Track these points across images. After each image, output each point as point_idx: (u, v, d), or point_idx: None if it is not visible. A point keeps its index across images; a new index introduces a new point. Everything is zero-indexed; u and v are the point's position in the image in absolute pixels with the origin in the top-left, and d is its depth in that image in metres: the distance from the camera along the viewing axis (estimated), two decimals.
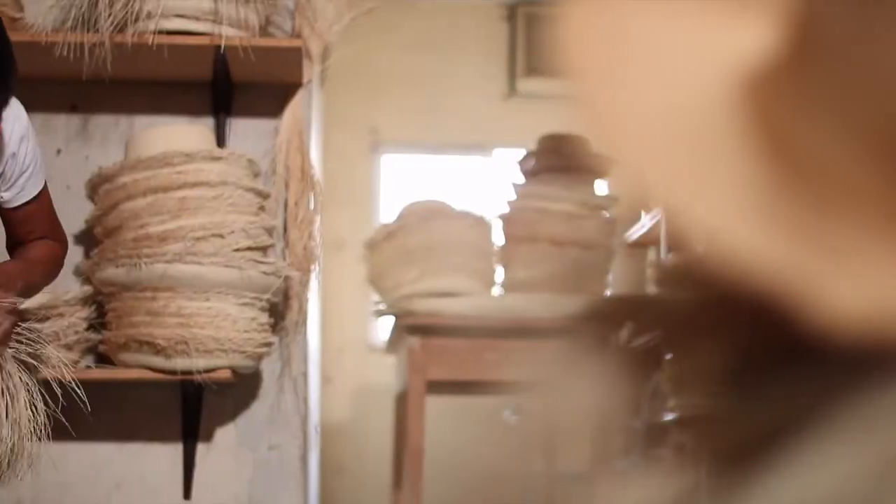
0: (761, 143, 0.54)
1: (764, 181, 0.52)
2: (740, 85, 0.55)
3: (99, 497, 2.92)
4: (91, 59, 2.68)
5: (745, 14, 0.55)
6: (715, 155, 0.55)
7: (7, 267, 2.12)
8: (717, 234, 0.53)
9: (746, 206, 0.52)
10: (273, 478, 2.96)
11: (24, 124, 2.17)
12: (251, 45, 2.74)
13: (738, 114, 0.54)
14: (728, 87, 0.55)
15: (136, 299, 2.65)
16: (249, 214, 2.71)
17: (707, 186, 0.54)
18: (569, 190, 3.79)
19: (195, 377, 2.64)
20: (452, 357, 3.62)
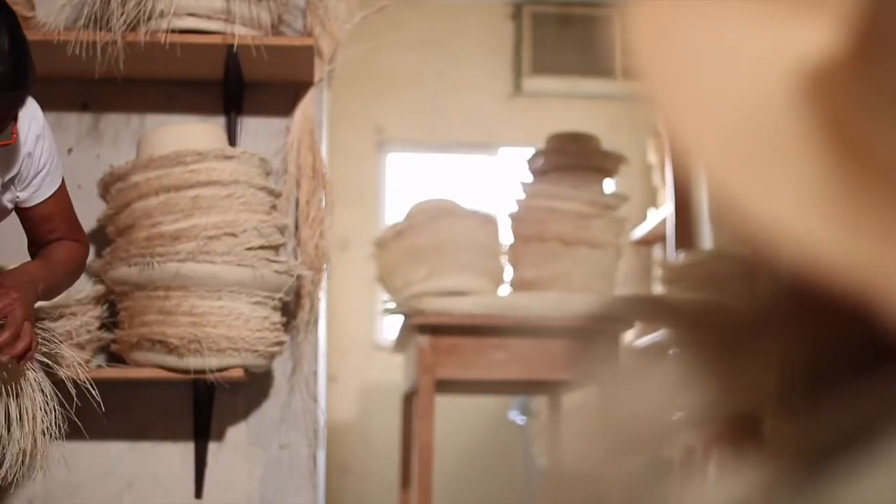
0: (828, 140, 0.54)
1: (832, 176, 0.52)
2: (806, 83, 0.55)
3: (111, 496, 2.92)
4: (103, 58, 2.68)
5: (809, 14, 0.55)
6: (783, 152, 0.55)
7: (29, 267, 2.12)
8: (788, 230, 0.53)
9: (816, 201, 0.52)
10: (284, 476, 2.96)
11: (41, 123, 2.17)
12: (263, 45, 2.74)
13: (805, 111, 0.54)
14: (794, 85, 0.55)
15: (148, 298, 2.65)
16: (262, 213, 2.71)
17: (776, 183, 0.54)
18: (577, 189, 3.78)
19: (208, 376, 2.64)
20: (461, 356, 3.62)
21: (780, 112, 0.56)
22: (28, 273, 2.10)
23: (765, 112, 0.56)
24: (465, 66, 6.38)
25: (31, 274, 2.10)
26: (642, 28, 0.60)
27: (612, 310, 3.64)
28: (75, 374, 2.17)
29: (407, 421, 4.59)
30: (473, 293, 3.67)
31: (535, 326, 3.61)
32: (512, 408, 5.99)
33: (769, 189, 0.55)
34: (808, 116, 0.55)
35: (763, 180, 0.55)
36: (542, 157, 3.92)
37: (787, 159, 0.55)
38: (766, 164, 0.55)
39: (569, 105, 6.35)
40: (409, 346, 4.09)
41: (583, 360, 3.61)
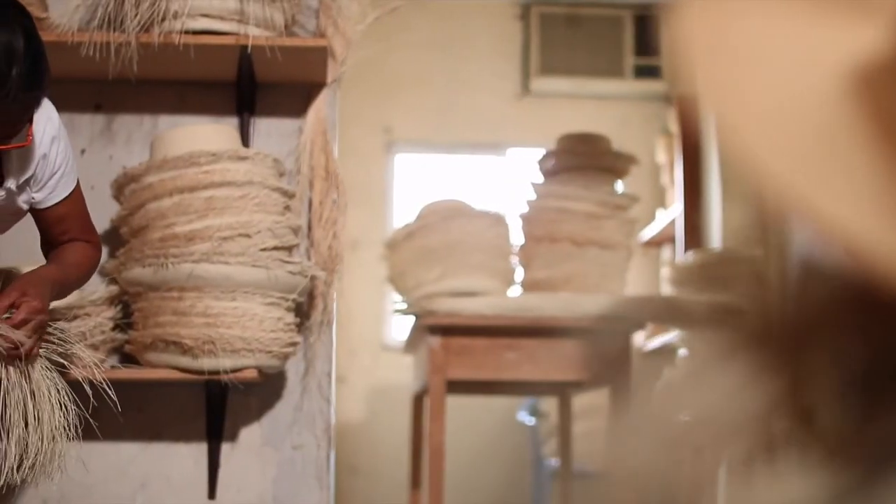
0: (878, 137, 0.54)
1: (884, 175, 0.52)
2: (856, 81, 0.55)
3: (124, 496, 2.92)
4: (117, 59, 2.68)
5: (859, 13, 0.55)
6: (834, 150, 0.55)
7: (43, 270, 2.12)
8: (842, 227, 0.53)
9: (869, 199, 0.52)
10: (297, 477, 2.96)
11: (56, 125, 2.17)
12: (277, 45, 2.74)
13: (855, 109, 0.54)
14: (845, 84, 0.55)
15: (162, 299, 2.65)
16: (275, 214, 2.71)
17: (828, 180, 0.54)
18: (588, 189, 3.78)
19: (222, 377, 2.64)
20: (473, 356, 3.62)
21: (831, 110, 0.56)
22: (42, 276, 2.11)
23: (816, 110, 0.56)
24: (473, 66, 6.38)
25: (45, 276, 2.11)
26: (694, 28, 0.60)
27: (624, 310, 3.64)
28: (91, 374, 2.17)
29: (417, 422, 4.59)
30: (485, 294, 3.67)
31: (547, 327, 3.61)
32: (521, 408, 5.99)
33: (823, 187, 0.55)
34: (859, 114, 0.55)
35: (817, 179, 0.55)
36: (553, 157, 3.92)
37: (840, 158, 0.55)
38: (819, 163, 0.55)
39: (577, 105, 6.35)
40: (419, 347, 4.09)
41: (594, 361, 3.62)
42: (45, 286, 2.07)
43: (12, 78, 1.87)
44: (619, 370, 3.67)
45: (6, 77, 1.87)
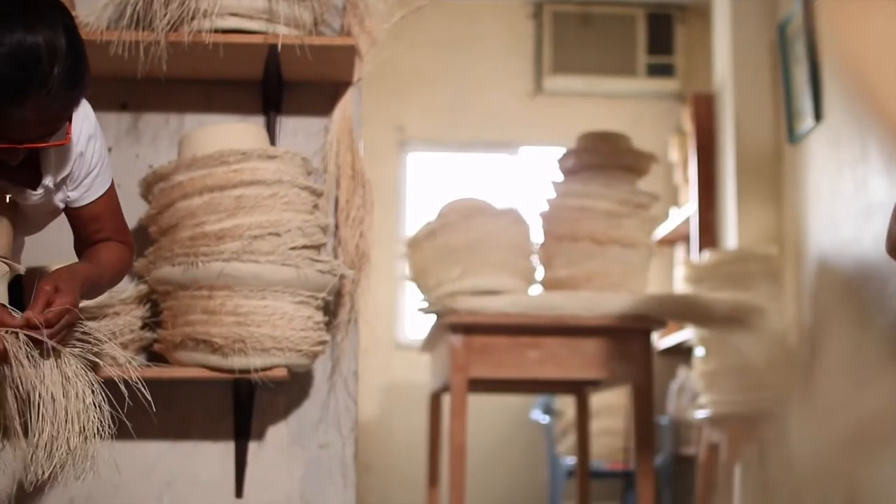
0: None
1: None
2: None
3: (151, 495, 2.92)
4: (146, 58, 2.68)
5: None
6: None
7: (77, 267, 2.12)
8: None
9: None
10: (324, 476, 2.96)
11: (93, 123, 2.17)
12: (307, 44, 2.74)
13: None
14: None
15: (192, 298, 2.65)
16: (304, 213, 2.71)
17: None
18: (609, 188, 3.78)
19: (252, 376, 2.64)
20: (494, 355, 3.62)
21: None
22: (75, 272, 2.10)
23: None
24: (485, 65, 6.38)
25: (77, 273, 2.10)
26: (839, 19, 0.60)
27: (645, 309, 3.64)
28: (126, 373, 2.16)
29: (434, 420, 4.59)
30: (506, 292, 3.67)
31: (569, 325, 3.61)
32: (534, 407, 5.99)
33: None
34: None
35: None
36: (573, 155, 3.92)
37: None
38: None
39: (590, 104, 6.35)
40: (438, 346, 4.10)
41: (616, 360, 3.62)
42: (77, 282, 2.06)
43: (54, 76, 1.87)
44: (640, 368, 3.67)
45: (48, 75, 1.86)
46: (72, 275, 2.06)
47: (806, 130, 4.79)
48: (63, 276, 2.04)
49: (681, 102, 6.35)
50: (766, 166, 5.19)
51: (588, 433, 4.62)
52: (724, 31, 5.42)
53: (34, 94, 1.85)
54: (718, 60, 5.53)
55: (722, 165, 5.43)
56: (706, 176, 5.50)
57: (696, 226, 5.52)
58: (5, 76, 1.83)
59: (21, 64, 1.84)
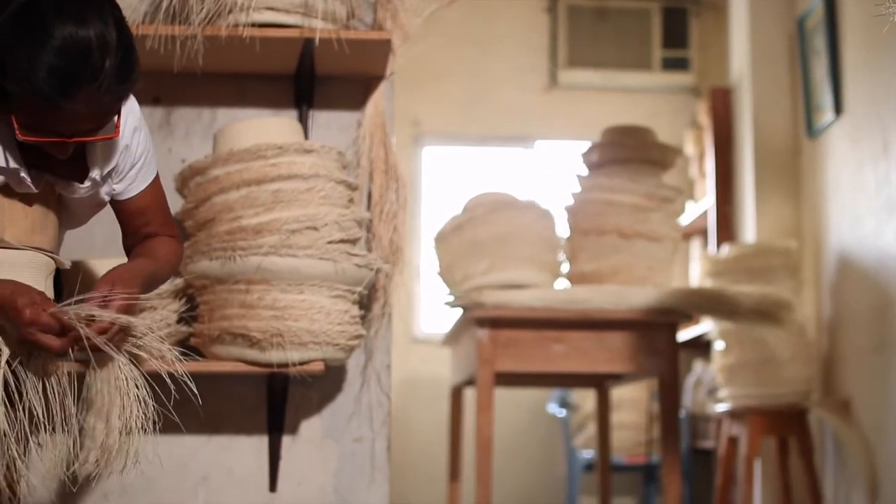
0: None
1: None
2: None
3: (185, 490, 2.92)
4: (182, 52, 2.68)
5: None
6: None
7: (134, 265, 2.12)
8: None
9: None
10: (358, 470, 2.96)
11: (138, 116, 2.17)
12: (344, 39, 2.74)
13: None
14: None
15: (229, 292, 2.65)
16: (341, 207, 2.71)
17: None
18: (634, 182, 3.79)
19: (290, 370, 2.64)
20: (520, 349, 3.62)
21: None
22: (133, 269, 2.09)
23: None
24: (501, 59, 6.38)
25: (136, 270, 2.10)
26: None
27: (671, 302, 3.64)
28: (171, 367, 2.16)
29: (455, 414, 4.60)
30: (533, 286, 3.67)
31: (596, 320, 3.62)
32: (550, 400, 5.99)
33: None
34: None
35: None
36: (598, 150, 3.92)
37: None
38: None
39: (605, 98, 6.35)
40: (462, 340, 4.10)
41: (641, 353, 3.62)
42: (135, 279, 2.06)
43: (106, 69, 1.87)
44: (665, 362, 3.68)
45: (100, 69, 1.86)
46: (130, 273, 2.06)
47: (826, 124, 4.79)
48: (122, 275, 2.03)
49: (696, 96, 6.35)
50: (784, 160, 5.19)
51: (609, 426, 4.63)
52: (742, 26, 5.42)
53: (85, 88, 1.85)
54: (735, 54, 5.53)
55: (739, 159, 5.43)
56: (723, 170, 5.50)
57: (714, 220, 5.52)
58: (56, 69, 1.83)
59: (72, 57, 1.84)
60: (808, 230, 5.04)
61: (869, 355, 4.35)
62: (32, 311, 1.89)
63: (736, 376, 4.63)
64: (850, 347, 4.56)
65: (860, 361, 4.46)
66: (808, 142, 5.04)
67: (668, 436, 3.67)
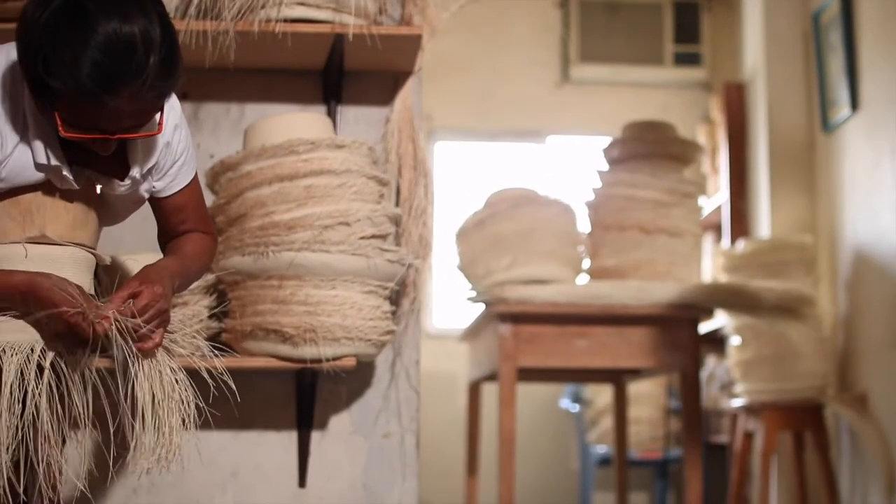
0: None
1: None
2: None
3: (214, 485, 2.92)
4: (214, 48, 2.68)
5: None
6: None
7: (167, 263, 2.11)
8: None
9: None
10: (387, 465, 2.97)
11: (178, 113, 2.17)
12: (377, 34, 2.73)
13: None
14: None
15: (261, 287, 2.65)
16: (372, 202, 2.71)
17: None
18: (656, 177, 3.79)
19: (322, 366, 2.64)
20: (543, 344, 3.63)
21: None
22: (162, 267, 2.09)
23: None
24: (512, 54, 6.37)
25: (165, 268, 2.09)
26: None
27: (694, 298, 3.65)
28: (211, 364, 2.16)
29: (473, 410, 4.60)
30: (555, 282, 3.67)
31: (618, 315, 3.62)
32: (562, 396, 6.00)
33: None
34: None
35: None
36: (619, 145, 3.92)
37: None
38: None
39: (616, 93, 6.35)
40: (482, 335, 4.10)
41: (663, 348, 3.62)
42: (165, 277, 2.06)
43: (150, 66, 1.86)
44: (687, 357, 3.68)
45: (144, 65, 1.85)
46: (159, 270, 2.05)
47: (841, 120, 4.79)
48: (150, 272, 2.03)
49: (707, 91, 6.35)
50: (798, 155, 5.19)
51: (626, 421, 4.64)
52: (756, 21, 5.42)
53: (130, 84, 1.85)
54: (749, 49, 5.53)
55: (753, 155, 5.43)
56: (737, 165, 5.50)
57: (728, 215, 5.52)
58: (101, 65, 1.82)
59: (117, 53, 1.83)
60: (824, 225, 5.05)
61: (886, 350, 4.36)
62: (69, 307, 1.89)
63: (752, 371, 4.64)
64: (867, 342, 4.57)
65: (877, 356, 4.46)
66: (823, 137, 5.05)
67: (690, 431, 3.67)
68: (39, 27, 1.85)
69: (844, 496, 4.70)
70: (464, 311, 5.18)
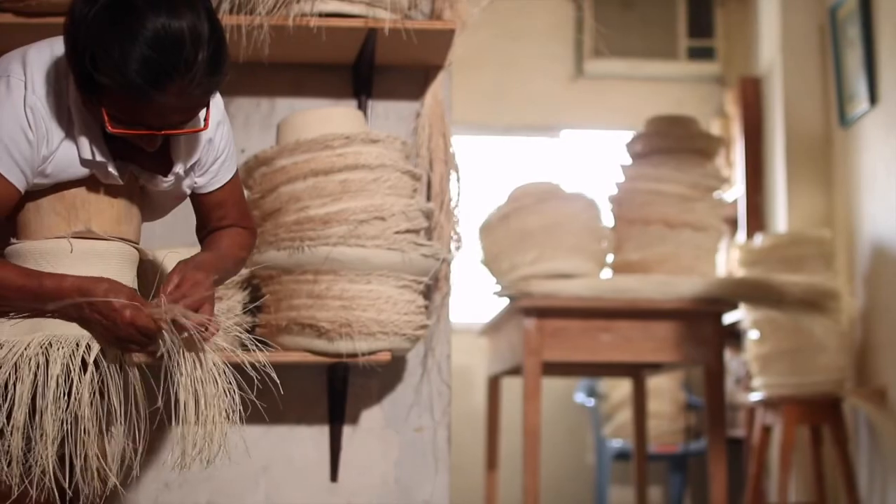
0: None
1: None
2: None
3: (246, 479, 2.93)
4: (248, 43, 2.67)
5: None
6: None
7: (205, 258, 2.11)
8: None
9: None
10: (419, 459, 2.97)
11: (221, 109, 2.17)
12: (413, 28, 2.73)
13: None
14: None
15: (296, 282, 2.65)
16: (406, 197, 2.71)
17: None
18: (680, 171, 3.79)
19: (358, 360, 2.64)
20: (568, 338, 3.63)
21: None
22: (200, 262, 2.09)
23: None
24: (526, 48, 6.37)
25: (203, 262, 2.09)
26: None
27: (719, 292, 3.65)
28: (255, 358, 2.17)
29: (493, 404, 4.61)
30: (580, 276, 3.68)
31: (642, 309, 3.63)
32: (578, 390, 6.00)
33: None
34: None
35: None
36: (643, 139, 3.92)
37: None
38: None
39: (630, 87, 6.35)
40: (504, 329, 4.10)
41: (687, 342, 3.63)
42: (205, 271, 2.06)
43: (198, 62, 1.86)
44: (711, 350, 3.69)
45: (192, 61, 1.85)
46: (198, 265, 2.05)
47: (859, 114, 4.79)
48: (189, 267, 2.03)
49: (721, 86, 6.35)
50: (815, 150, 5.19)
51: (645, 415, 4.64)
52: (772, 16, 5.42)
53: (178, 80, 1.84)
54: (765, 44, 5.53)
55: (770, 149, 5.44)
56: (753, 159, 5.51)
57: (744, 209, 5.53)
58: (149, 60, 1.82)
59: (165, 49, 1.82)
60: (841, 220, 5.05)
61: None
62: (133, 311, 1.90)
63: (770, 365, 4.64)
64: (885, 336, 4.57)
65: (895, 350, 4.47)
66: (840, 131, 5.05)
67: (714, 425, 3.68)
68: (88, 23, 1.85)
69: (863, 490, 4.71)
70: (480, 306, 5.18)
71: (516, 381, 4.43)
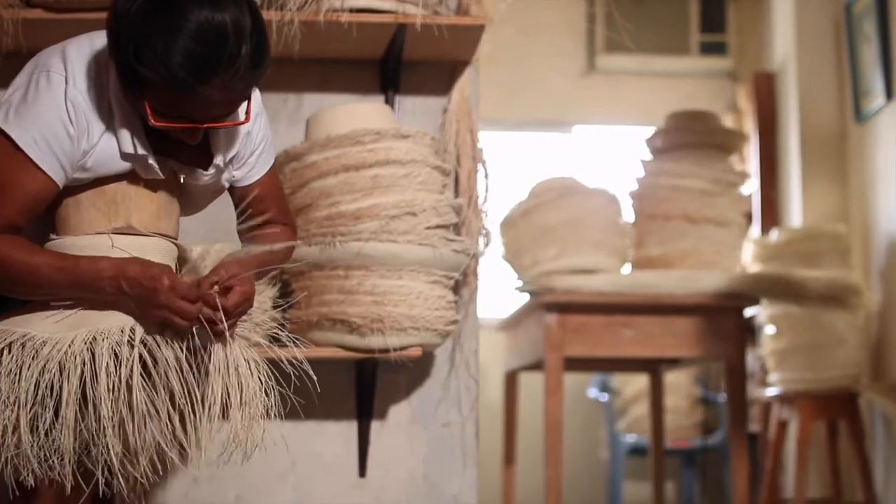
0: None
1: None
2: None
3: (275, 475, 2.93)
4: (279, 39, 2.67)
5: None
6: None
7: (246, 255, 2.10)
8: None
9: None
10: (448, 455, 2.97)
11: (258, 102, 2.17)
12: (444, 24, 2.73)
13: None
14: None
15: (328, 277, 2.65)
16: (436, 192, 2.71)
17: None
18: (701, 167, 3.79)
19: (389, 355, 2.64)
20: (589, 334, 3.63)
21: None
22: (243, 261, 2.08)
23: None
24: (538, 44, 6.37)
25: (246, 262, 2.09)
26: None
27: (741, 287, 3.65)
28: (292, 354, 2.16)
29: (510, 399, 4.61)
30: (602, 271, 3.68)
31: (664, 304, 3.62)
32: (591, 385, 6.01)
33: None
34: None
35: None
36: (663, 135, 3.92)
37: None
38: None
39: (643, 82, 6.34)
40: (523, 324, 4.10)
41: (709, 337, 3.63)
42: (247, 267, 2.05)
43: (242, 56, 1.86)
44: (733, 346, 3.69)
45: (236, 55, 1.85)
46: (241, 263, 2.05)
47: (875, 109, 4.80)
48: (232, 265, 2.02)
49: (733, 81, 6.35)
50: (830, 145, 5.19)
51: (662, 410, 4.64)
52: (787, 11, 5.42)
53: (221, 73, 1.84)
54: (779, 39, 5.53)
55: (784, 144, 5.43)
56: (767, 155, 5.51)
57: (758, 204, 5.53)
58: (192, 53, 1.81)
59: (208, 42, 1.82)
60: (856, 215, 5.05)
61: None
62: (171, 276, 1.90)
63: (787, 360, 4.64)
64: None
65: None
66: (855, 126, 5.05)
67: (735, 421, 3.68)
68: (131, 16, 1.85)
69: (879, 485, 4.71)
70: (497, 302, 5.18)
71: (534, 376, 4.43)
